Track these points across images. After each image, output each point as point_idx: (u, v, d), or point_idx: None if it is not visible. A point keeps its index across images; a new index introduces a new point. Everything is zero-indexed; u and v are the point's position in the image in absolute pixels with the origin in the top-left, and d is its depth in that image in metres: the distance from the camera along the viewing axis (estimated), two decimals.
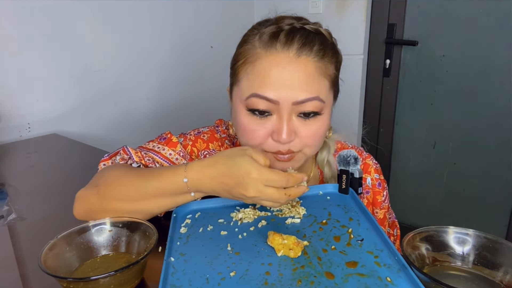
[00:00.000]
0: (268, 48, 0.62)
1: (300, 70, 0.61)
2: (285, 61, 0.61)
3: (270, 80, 0.61)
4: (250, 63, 0.63)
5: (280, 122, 0.62)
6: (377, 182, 0.80)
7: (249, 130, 0.65)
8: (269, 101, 0.61)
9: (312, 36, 0.63)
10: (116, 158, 0.69)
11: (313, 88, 0.62)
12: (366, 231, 0.55)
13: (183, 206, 0.64)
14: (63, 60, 1.33)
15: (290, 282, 0.46)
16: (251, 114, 0.64)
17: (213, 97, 1.85)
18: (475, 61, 1.63)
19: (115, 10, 1.44)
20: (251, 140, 0.65)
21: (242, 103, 0.65)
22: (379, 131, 1.95)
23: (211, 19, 1.80)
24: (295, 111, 0.62)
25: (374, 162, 0.81)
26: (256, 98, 0.62)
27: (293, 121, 0.63)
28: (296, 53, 0.61)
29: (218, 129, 0.80)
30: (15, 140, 1.25)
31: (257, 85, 0.62)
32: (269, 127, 0.63)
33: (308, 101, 0.61)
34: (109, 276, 0.45)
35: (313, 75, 0.62)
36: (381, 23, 1.80)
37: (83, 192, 0.63)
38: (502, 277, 0.49)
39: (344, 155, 0.68)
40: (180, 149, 0.73)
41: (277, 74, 0.61)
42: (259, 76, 0.62)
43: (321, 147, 0.77)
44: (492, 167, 1.71)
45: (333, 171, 0.77)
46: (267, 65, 0.61)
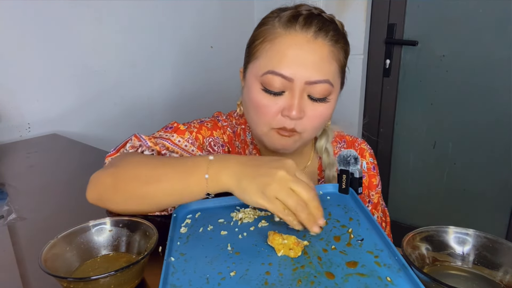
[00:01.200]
0: (288, 28, 0.66)
1: (316, 51, 0.65)
2: (303, 41, 0.65)
3: (287, 58, 0.65)
4: (269, 41, 0.67)
5: (292, 99, 0.66)
6: (372, 165, 0.85)
7: (262, 106, 0.68)
8: (284, 78, 0.65)
9: (328, 23, 0.68)
10: (126, 147, 0.69)
11: (325, 70, 0.66)
12: (366, 231, 0.55)
13: (183, 206, 0.64)
14: (63, 60, 1.33)
15: (290, 282, 0.46)
16: (265, 92, 0.67)
17: (214, 97, 1.85)
18: (475, 61, 1.63)
19: (115, 10, 1.44)
20: (262, 115, 0.68)
21: (257, 79, 0.68)
22: (379, 131, 1.95)
23: (211, 19, 1.80)
24: (307, 91, 0.66)
25: (368, 147, 0.86)
26: (272, 75, 0.65)
27: (304, 100, 0.67)
28: (314, 35, 0.66)
29: (218, 119, 0.83)
30: (15, 140, 1.25)
31: (274, 62, 0.66)
32: (281, 104, 0.67)
33: (320, 83, 0.65)
34: (109, 276, 0.45)
35: (327, 58, 0.66)
36: (381, 23, 1.80)
37: (98, 173, 0.63)
38: (502, 277, 0.49)
39: (344, 155, 0.68)
40: (188, 136, 0.74)
41: (294, 53, 0.65)
42: (278, 53, 0.66)
43: (320, 134, 0.81)
44: (492, 167, 1.71)
45: (331, 159, 0.80)
46: (286, 44, 0.65)
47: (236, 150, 0.81)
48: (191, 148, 0.73)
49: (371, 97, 1.93)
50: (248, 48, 0.73)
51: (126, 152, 0.67)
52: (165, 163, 0.60)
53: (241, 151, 0.81)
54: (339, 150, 0.84)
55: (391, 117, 1.91)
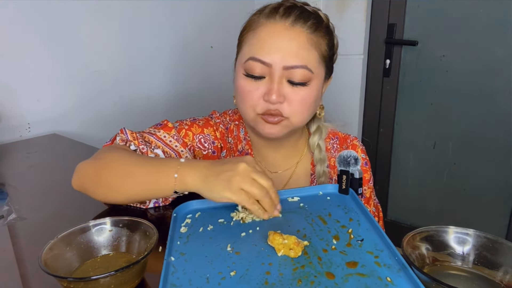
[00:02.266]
0: (269, 18, 0.71)
1: (293, 38, 0.69)
2: (281, 28, 0.69)
3: (266, 45, 0.69)
4: (252, 31, 0.72)
5: (271, 84, 0.70)
6: (364, 161, 0.86)
7: (245, 91, 0.72)
8: (263, 63, 0.69)
9: (309, 13, 0.72)
10: (117, 139, 0.74)
11: (303, 56, 0.69)
12: (366, 231, 0.55)
13: (183, 206, 0.64)
14: (63, 60, 1.33)
15: (290, 282, 0.46)
16: (248, 77, 0.72)
17: (213, 96, 1.85)
18: (475, 61, 1.63)
19: (115, 10, 1.44)
20: (246, 100, 0.73)
21: (241, 67, 0.73)
22: (379, 131, 1.95)
23: (211, 19, 1.80)
24: (286, 76, 0.70)
25: (360, 144, 0.88)
26: (252, 61, 0.70)
27: (283, 85, 0.70)
28: (291, 23, 0.70)
29: (212, 117, 0.86)
30: (15, 140, 1.25)
31: (255, 49, 0.70)
32: (262, 89, 0.71)
33: (297, 68, 0.69)
34: (109, 276, 0.45)
35: (304, 45, 0.70)
36: (381, 23, 1.80)
37: (83, 163, 0.69)
38: (502, 277, 0.49)
39: (344, 156, 0.68)
40: (174, 133, 0.79)
41: (273, 40, 0.69)
42: (259, 41, 0.70)
43: (314, 131, 0.84)
44: (492, 167, 1.71)
45: (323, 155, 0.83)
46: (266, 31, 0.70)
47: (228, 145, 0.85)
48: (175, 144, 0.78)
49: (371, 97, 1.93)
50: (238, 39, 0.78)
51: (110, 146, 0.73)
52: (142, 161, 0.66)
53: (233, 146, 0.85)
54: (331, 146, 0.87)
55: (391, 117, 1.91)
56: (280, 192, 0.65)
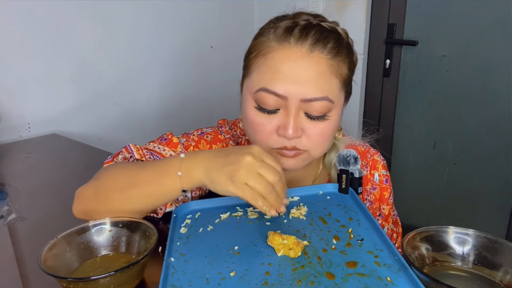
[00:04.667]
0: (282, 41, 0.61)
1: (311, 66, 0.60)
2: (297, 55, 0.60)
3: (280, 75, 0.61)
4: (262, 56, 0.63)
5: (287, 118, 0.62)
6: (384, 178, 0.80)
7: (256, 124, 0.64)
8: (277, 96, 0.61)
9: (327, 33, 0.63)
10: (119, 157, 0.69)
11: (323, 86, 0.61)
12: (366, 231, 0.55)
13: (183, 206, 0.64)
14: (63, 60, 1.33)
15: (290, 282, 0.46)
16: (259, 110, 0.64)
17: (214, 97, 1.85)
18: (475, 61, 1.63)
19: (115, 10, 1.44)
20: (258, 134, 0.65)
21: (251, 96, 0.65)
22: (379, 131, 1.95)
23: (211, 19, 1.80)
24: (303, 109, 0.62)
25: (381, 158, 0.81)
26: (265, 93, 0.62)
27: (300, 118, 0.62)
28: (309, 48, 0.61)
29: (221, 130, 0.80)
30: (15, 140, 1.25)
31: (267, 79, 0.62)
32: (276, 122, 0.63)
33: (317, 100, 0.61)
34: (109, 276, 0.45)
35: (325, 73, 0.61)
36: (381, 23, 1.80)
37: (81, 188, 0.64)
38: (502, 277, 0.49)
39: (344, 155, 0.67)
40: (180, 150, 0.73)
41: (288, 69, 0.60)
42: (270, 69, 0.62)
43: (330, 149, 0.77)
44: (492, 167, 1.71)
45: None
46: (279, 59, 0.61)
47: None
48: None
49: (371, 97, 1.93)
50: (244, 60, 0.69)
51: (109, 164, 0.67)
52: (141, 167, 0.61)
53: None
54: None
55: (391, 117, 1.91)
56: None
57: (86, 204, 0.62)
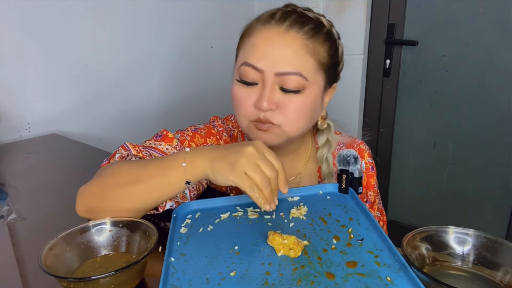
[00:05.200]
0: (265, 23, 0.69)
1: (287, 44, 0.66)
2: (275, 34, 0.67)
3: (259, 50, 0.67)
4: (247, 36, 0.71)
5: (263, 90, 0.67)
6: (370, 165, 0.85)
7: (238, 96, 0.71)
8: (255, 69, 0.67)
9: (307, 18, 0.69)
10: (115, 157, 0.70)
11: (296, 63, 0.66)
12: (366, 231, 0.55)
13: (183, 206, 0.64)
14: (63, 60, 1.33)
15: (290, 282, 0.46)
16: (241, 83, 0.70)
17: (214, 97, 1.85)
18: (475, 61, 1.63)
19: (115, 10, 1.44)
20: (239, 107, 0.71)
21: (236, 72, 0.71)
22: (379, 131, 1.95)
23: (211, 19, 1.80)
24: (278, 83, 0.67)
25: (367, 147, 0.87)
26: (245, 66, 0.68)
27: (275, 93, 0.68)
28: (286, 28, 0.67)
29: (214, 124, 0.83)
30: (15, 140, 1.25)
31: (248, 55, 0.68)
32: (254, 95, 0.69)
33: (290, 74, 0.66)
34: (109, 276, 0.45)
35: (299, 51, 0.66)
36: (381, 23, 1.80)
37: (84, 186, 0.64)
38: (502, 277, 0.49)
39: (344, 155, 0.68)
40: (176, 143, 0.74)
41: (266, 46, 0.67)
42: (252, 46, 0.69)
43: (323, 144, 0.81)
44: (492, 167, 1.71)
45: (331, 169, 0.80)
46: (260, 37, 0.68)
47: None
48: None
49: (371, 97, 1.93)
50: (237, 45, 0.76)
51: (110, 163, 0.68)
52: (146, 163, 0.62)
53: None
54: (337, 152, 0.83)
55: (391, 117, 1.91)
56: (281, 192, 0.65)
57: (90, 201, 0.62)
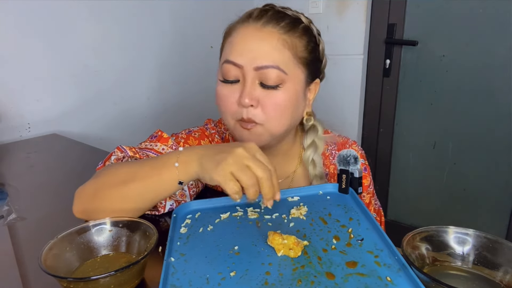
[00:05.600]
0: (243, 22, 0.71)
1: (264, 39, 0.68)
2: (252, 30, 0.69)
3: (238, 47, 0.69)
4: (228, 36, 0.73)
5: (243, 86, 0.68)
6: (363, 167, 0.83)
7: (221, 95, 0.71)
8: (235, 65, 0.68)
9: (284, 15, 0.70)
10: (111, 159, 0.69)
11: (274, 57, 0.67)
12: (366, 231, 0.55)
13: (183, 206, 0.64)
14: (63, 60, 1.33)
15: (290, 282, 0.46)
16: (223, 82, 0.71)
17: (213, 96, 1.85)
18: (475, 61, 1.63)
19: (115, 10, 1.44)
20: (223, 106, 0.71)
21: (219, 72, 0.72)
22: (379, 131, 1.95)
23: (211, 19, 1.80)
24: (258, 78, 0.68)
25: (359, 148, 0.86)
26: (226, 64, 0.69)
27: (255, 87, 0.68)
28: (263, 24, 0.69)
29: (207, 127, 0.85)
30: (15, 140, 1.25)
31: (228, 52, 0.70)
32: (237, 93, 0.69)
33: (268, 68, 0.67)
34: (109, 276, 0.45)
35: (276, 45, 0.68)
36: (381, 23, 1.80)
37: (80, 188, 0.64)
38: (502, 277, 0.49)
39: (344, 155, 0.68)
40: (172, 143, 0.75)
41: (244, 42, 0.68)
42: (232, 44, 0.70)
43: (308, 145, 0.80)
44: (492, 167, 1.71)
45: (318, 171, 0.79)
46: (239, 35, 0.70)
47: None
48: None
49: (371, 97, 1.93)
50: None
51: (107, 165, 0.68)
52: (140, 164, 0.63)
53: None
54: (330, 153, 0.83)
55: (391, 117, 1.91)
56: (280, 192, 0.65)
57: (86, 203, 0.62)
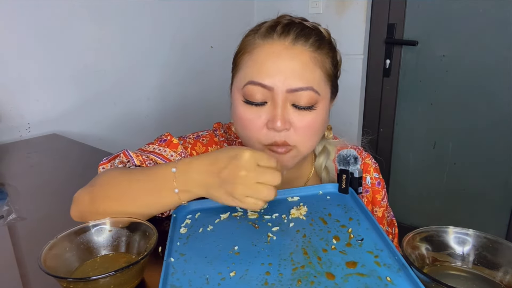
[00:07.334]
0: (266, 38, 0.64)
1: (295, 57, 0.62)
2: (280, 48, 0.63)
3: (265, 67, 0.63)
4: (248, 53, 0.66)
5: (275, 109, 0.62)
6: (376, 181, 0.80)
7: (245, 119, 0.65)
8: (264, 87, 0.62)
9: (309, 30, 0.65)
10: (115, 161, 0.68)
11: (307, 77, 0.63)
12: (366, 231, 0.55)
13: (183, 206, 0.64)
14: (63, 60, 1.33)
15: (290, 282, 0.46)
16: (247, 104, 0.65)
17: (213, 97, 1.85)
18: (475, 61, 1.63)
19: (115, 10, 1.44)
20: (248, 130, 0.66)
21: (239, 93, 0.66)
22: (379, 131, 1.95)
23: (211, 19, 1.80)
24: (290, 100, 0.63)
25: (373, 162, 0.82)
26: (251, 85, 0.63)
27: (288, 111, 0.63)
28: (292, 42, 0.63)
29: (216, 133, 0.81)
30: (15, 140, 1.25)
31: (253, 73, 0.63)
32: (265, 116, 0.64)
33: (302, 90, 0.62)
34: (109, 276, 0.45)
35: (308, 64, 0.63)
36: (381, 23, 1.80)
37: (78, 193, 0.63)
38: (502, 277, 0.49)
39: (344, 155, 0.68)
40: (181, 150, 0.73)
41: (272, 62, 0.62)
42: (256, 64, 0.64)
43: (320, 152, 0.77)
44: (492, 167, 1.71)
45: (331, 177, 0.77)
46: (264, 53, 0.63)
47: None
48: None
49: (371, 97, 1.93)
50: (232, 63, 0.71)
51: (106, 169, 0.67)
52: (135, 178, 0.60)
53: None
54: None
55: (391, 117, 1.91)
56: (280, 192, 0.65)
57: (83, 210, 0.61)
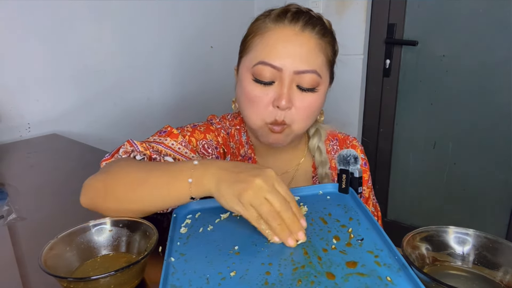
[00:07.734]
0: (277, 22, 0.71)
1: (303, 43, 0.69)
2: (290, 34, 0.70)
3: (276, 50, 0.69)
4: (259, 35, 0.72)
5: (282, 89, 0.69)
6: (362, 161, 0.87)
7: (253, 96, 0.71)
8: (274, 68, 0.69)
9: (315, 19, 0.73)
10: (119, 152, 0.69)
11: (313, 61, 0.70)
12: (366, 231, 0.55)
13: (183, 206, 0.64)
14: (63, 60, 1.33)
15: (290, 282, 0.46)
16: (256, 82, 0.71)
17: (213, 97, 1.85)
18: (475, 61, 1.63)
19: (115, 10, 1.44)
20: (254, 106, 0.72)
21: (249, 71, 0.72)
22: (379, 131, 1.95)
23: (211, 19, 1.80)
24: (296, 81, 0.70)
25: (359, 144, 0.90)
26: (262, 65, 0.69)
27: (292, 91, 0.70)
28: (301, 28, 0.70)
29: (212, 122, 0.85)
30: (15, 140, 1.25)
31: (264, 54, 0.70)
32: (272, 94, 0.70)
33: (307, 72, 0.69)
34: (109, 276, 0.45)
35: (314, 49, 0.70)
36: (381, 23, 1.80)
37: (90, 179, 0.64)
38: (502, 277, 0.49)
39: (344, 155, 0.68)
40: (181, 140, 0.76)
41: (283, 45, 0.69)
42: (268, 45, 0.70)
43: (313, 134, 0.84)
44: (492, 167, 1.71)
45: (324, 157, 0.83)
46: (275, 36, 0.70)
47: (231, 150, 0.83)
48: (185, 151, 0.74)
49: (371, 97, 1.93)
50: (241, 44, 0.77)
51: (118, 158, 0.68)
52: (152, 168, 0.61)
53: (236, 151, 0.83)
54: (331, 148, 0.87)
55: (391, 117, 1.91)
56: None
57: (94, 196, 0.62)
